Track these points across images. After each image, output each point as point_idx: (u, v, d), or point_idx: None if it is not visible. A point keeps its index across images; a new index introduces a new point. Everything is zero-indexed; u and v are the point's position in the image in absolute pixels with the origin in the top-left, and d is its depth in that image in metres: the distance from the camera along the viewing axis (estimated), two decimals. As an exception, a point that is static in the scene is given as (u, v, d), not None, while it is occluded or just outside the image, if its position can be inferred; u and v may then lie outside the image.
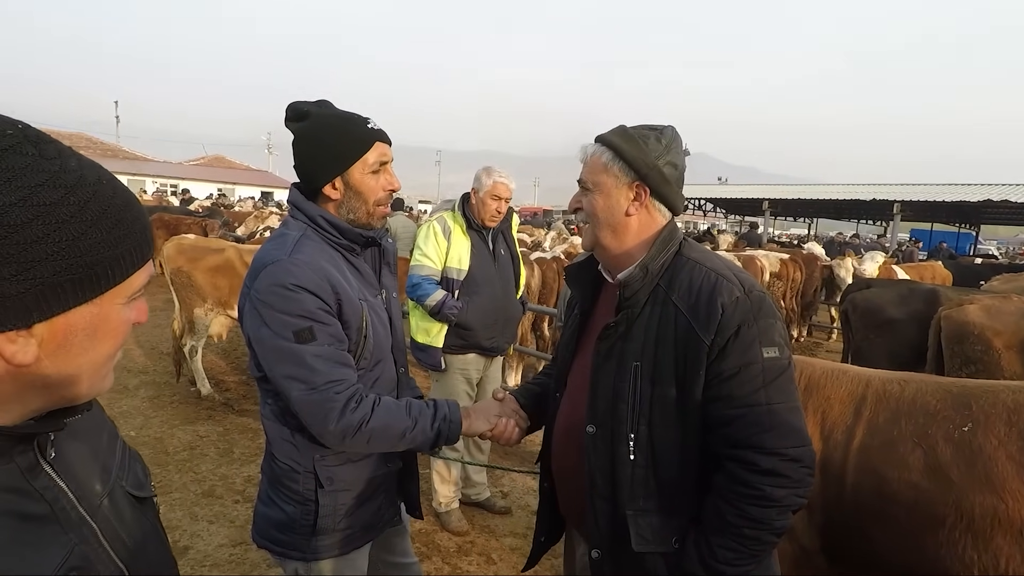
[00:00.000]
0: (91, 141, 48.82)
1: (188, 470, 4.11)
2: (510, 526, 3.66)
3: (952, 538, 1.65)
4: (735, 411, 1.26)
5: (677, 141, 1.41)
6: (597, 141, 1.44)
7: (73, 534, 0.70)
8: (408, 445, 1.56)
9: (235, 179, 47.92)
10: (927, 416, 1.79)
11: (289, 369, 1.46)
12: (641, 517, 1.34)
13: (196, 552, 3.22)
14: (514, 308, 3.61)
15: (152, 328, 7.87)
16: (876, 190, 25.03)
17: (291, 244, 1.51)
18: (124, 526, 0.79)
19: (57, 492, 0.70)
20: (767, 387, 1.26)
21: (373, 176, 1.59)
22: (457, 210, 3.41)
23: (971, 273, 10.71)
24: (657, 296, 1.36)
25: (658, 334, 1.33)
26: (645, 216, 1.42)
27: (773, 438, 1.24)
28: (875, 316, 5.35)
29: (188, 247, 5.60)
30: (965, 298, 4.48)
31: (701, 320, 1.28)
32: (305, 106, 1.57)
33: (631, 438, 1.33)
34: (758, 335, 1.27)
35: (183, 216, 12.69)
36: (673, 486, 1.34)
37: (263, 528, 1.66)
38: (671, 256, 1.39)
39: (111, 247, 0.66)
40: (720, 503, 1.28)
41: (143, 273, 0.73)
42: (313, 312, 1.46)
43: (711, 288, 1.30)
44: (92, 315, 0.67)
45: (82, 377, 0.70)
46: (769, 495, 1.23)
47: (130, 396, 5.44)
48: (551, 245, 10.23)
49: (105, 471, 0.81)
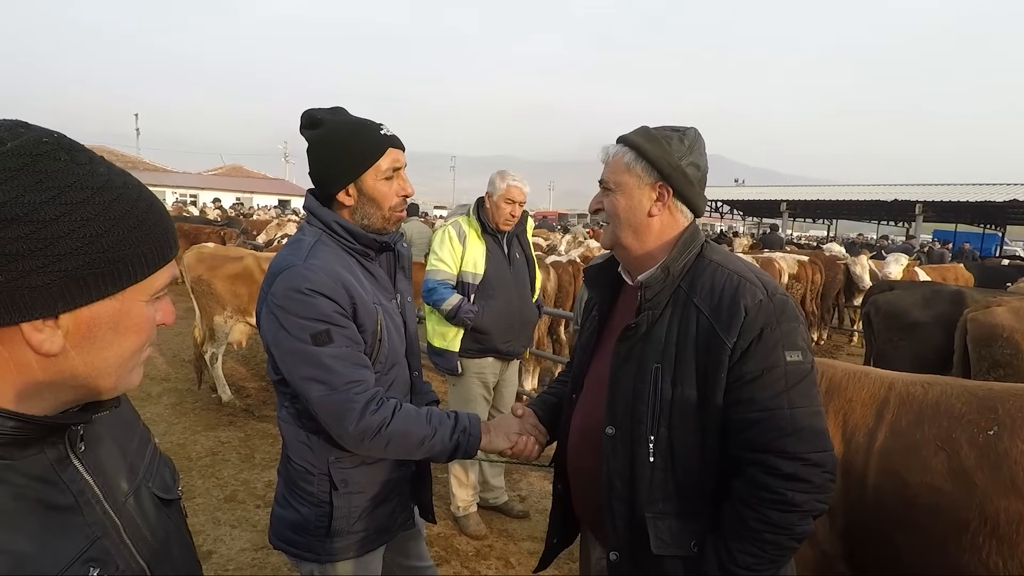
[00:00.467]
0: (112, 153, 49.85)
1: (210, 475, 4.16)
2: (528, 530, 3.65)
3: (976, 543, 1.61)
4: (757, 415, 1.24)
5: (700, 142, 1.41)
6: (619, 141, 1.43)
7: (96, 527, 0.73)
8: (425, 454, 1.56)
9: (253, 188, 48.60)
10: (951, 419, 1.76)
11: (308, 371, 1.47)
12: (660, 520, 1.33)
13: (219, 556, 3.26)
14: (530, 312, 3.61)
15: (174, 336, 7.99)
16: (898, 190, 24.63)
17: (306, 249, 1.54)
18: (148, 525, 0.81)
19: (83, 485, 0.73)
20: (789, 391, 1.25)
21: (386, 182, 1.60)
22: (472, 214, 3.43)
23: (997, 275, 10.47)
24: (678, 298, 1.36)
25: (679, 336, 1.32)
26: (667, 217, 1.41)
27: (795, 442, 1.23)
28: (898, 319, 5.25)
29: (208, 255, 5.69)
30: (992, 300, 4.38)
31: (723, 322, 1.27)
32: (319, 113, 1.59)
33: (651, 440, 1.32)
34: (781, 338, 1.26)
35: (202, 225, 12.91)
36: (692, 489, 1.33)
37: (279, 530, 1.68)
38: (693, 258, 1.38)
39: (133, 245, 0.70)
40: (740, 507, 1.26)
41: (165, 273, 0.76)
42: (329, 315, 1.48)
43: (734, 290, 1.29)
44: (115, 310, 0.71)
45: (109, 371, 0.73)
46: (791, 500, 1.21)
47: (153, 403, 5.53)
48: (567, 249, 10.21)
49: (132, 471, 0.84)
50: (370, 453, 1.55)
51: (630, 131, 1.44)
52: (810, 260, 9.78)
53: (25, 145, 0.64)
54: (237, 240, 11.26)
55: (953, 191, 22.59)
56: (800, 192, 29.53)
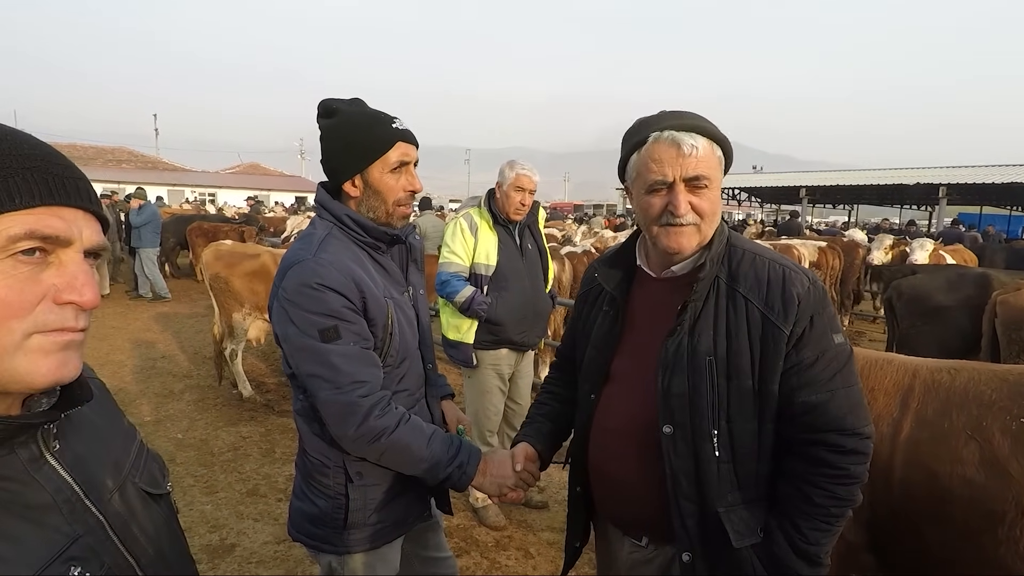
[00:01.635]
0: (132, 154, 50.64)
1: (233, 470, 4.22)
2: (547, 520, 3.65)
3: (1013, 535, 1.57)
4: (817, 397, 1.28)
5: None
6: (699, 132, 1.31)
7: (77, 525, 0.70)
8: (414, 474, 1.56)
9: (270, 186, 49.08)
10: (981, 407, 1.70)
11: (314, 368, 1.47)
12: (733, 512, 1.33)
13: (242, 549, 3.30)
14: (543, 302, 3.59)
15: (195, 334, 8.12)
16: (920, 174, 24.09)
17: (317, 243, 1.53)
18: (136, 521, 0.79)
19: (60, 483, 0.71)
20: (843, 371, 1.30)
21: (393, 175, 1.59)
22: (483, 206, 3.41)
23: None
24: (718, 288, 1.35)
25: (728, 327, 1.32)
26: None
27: (853, 420, 1.29)
28: (922, 303, 5.14)
29: (226, 253, 5.75)
30: (1021, 282, 4.27)
31: (777, 311, 1.29)
32: (335, 103, 1.59)
33: (714, 435, 1.32)
34: (828, 323, 1.31)
35: (220, 223, 13.08)
36: (753, 477, 1.35)
37: (298, 522, 1.69)
38: (724, 246, 1.38)
39: None
40: (804, 487, 1.29)
41: (18, 220, 0.61)
42: (338, 311, 1.47)
43: (781, 279, 1.31)
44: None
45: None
46: (853, 473, 1.28)
47: (176, 400, 5.62)
48: (581, 239, 10.16)
49: (117, 467, 0.81)
50: (364, 457, 1.55)
51: (686, 118, 1.34)
52: (828, 246, 9.63)
53: None
54: (256, 237, 11.40)
55: (977, 173, 22.03)
56: (819, 178, 29.02)
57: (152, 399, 5.62)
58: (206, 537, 3.39)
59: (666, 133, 1.30)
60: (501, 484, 1.59)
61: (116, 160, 47.78)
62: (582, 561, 3.09)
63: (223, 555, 3.24)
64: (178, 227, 12.71)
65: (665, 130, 1.31)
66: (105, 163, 45.37)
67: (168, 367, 6.65)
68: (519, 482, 1.61)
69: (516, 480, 1.60)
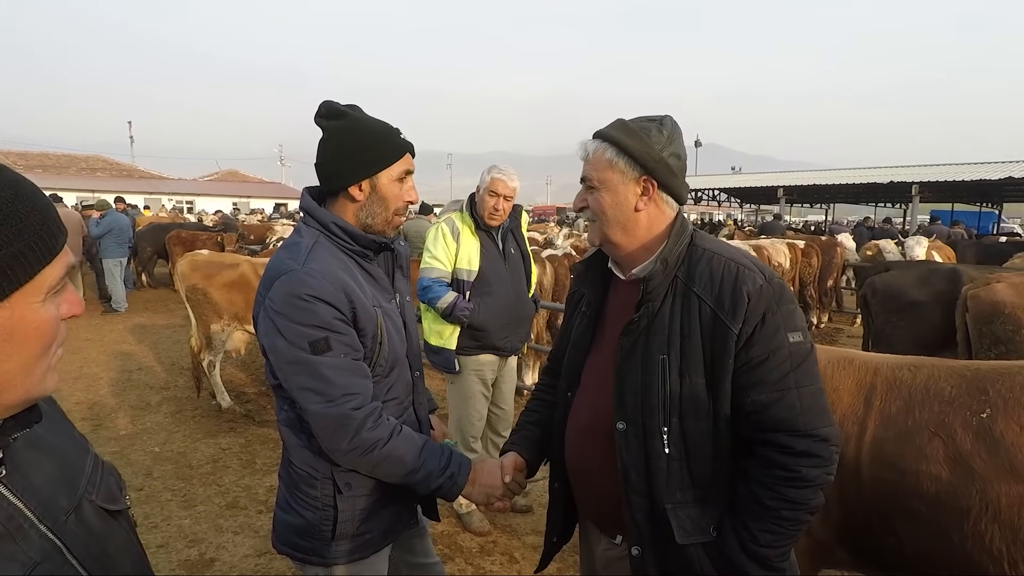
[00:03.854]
0: (107, 162, 49.74)
1: (212, 483, 4.15)
2: (532, 524, 3.65)
3: (978, 530, 1.60)
4: (766, 396, 1.28)
5: (678, 131, 1.41)
6: (597, 137, 1.42)
7: (33, 552, 0.68)
8: (406, 484, 1.56)
9: (249, 192, 48.55)
10: (942, 403, 1.74)
11: (305, 381, 1.46)
12: (680, 509, 1.34)
13: (222, 564, 3.25)
14: (526, 307, 3.59)
15: (173, 344, 7.99)
16: (893, 172, 24.54)
17: (304, 252, 1.51)
18: (95, 540, 0.77)
19: (12, 511, 0.68)
20: (795, 371, 1.29)
21: (398, 184, 1.60)
22: (465, 210, 3.40)
23: (996, 252, 10.47)
24: (676, 288, 1.37)
25: (682, 326, 1.34)
26: (654, 210, 1.41)
27: (805, 420, 1.27)
28: (896, 299, 5.24)
29: (203, 263, 5.65)
30: (991, 276, 4.37)
31: (727, 309, 1.29)
32: (340, 106, 1.59)
33: (664, 432, 1.33)
34: (782, 321, 1.30)
35: (199, 231, 12.88)
36: (707, 475, 1.35)
37: (283, 534, 1.67)
38: (685, 247, 1.39)
39: (6, 244, 0.62)
40: (756, 488, 1.30)
41: (57, 265, 0.68)
42: (328, 322, 1.45)
43: (733, 277, 1.31)
44: (5, 320, 0.64)
45: (13, 383, 0.66)
46: (805, 476, 1.26)
47: (153, 412, 5.52)
48: (562, 242, 10.19)
49: (71, 486, 0.79)
50: (356, 468, 1.55)
51: (606, 126, 1.43)
52: (807, 244, 9.77)
53: None
54: (235, 245, 11.23)
55: (948, 171, 22.49)
56: (796, 177, 29.43)
57: (128, 412, 5.50)
58: (184, 552, 3.33)
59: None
60: (489, 494, 1.61)
61: (90, 168, 46.90)
62: (568, 564, 3.09)
63: (202, 569, 3.19)
64: (155, 236, 12.49)
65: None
66: (79, 171, 44.49)
67: (145, 379, 6.53)
68: (507, 492, 1.62)
69: (504, 490, 1.61)
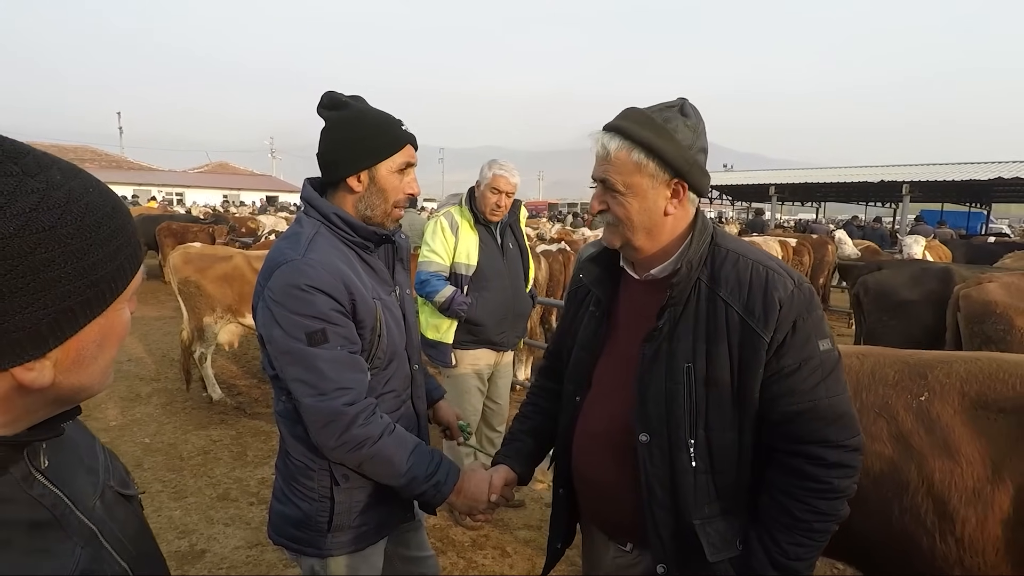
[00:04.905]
0: (95, 153, 49.22)
1: (203, 474, 4.12)
2: (524, 519, 3.65)
3: (915, 503, 1.71)
4: (797, 406, 1.22)
5: (701, 120, 1.30)
6: (618, 133, 1.27)
7: (77, 538, 0.70)
8: (390, 484, 1.55)
9: (240, 185, 48.19)
10: (886, 387, 1.86)
11: (299, 372, 1.45)
12: (709, 524, 1.28)
13: (213, 555, 3.23)
14: (524, 302, 3.58)
15: (163, 336, 7.92)
16: (884, 171, 24.73)
17: (305, 243, 1.50)
18: (119, 525, 0.79)
19: (55, 499, 0.70)
20: (826, 380, 1.24)
21: (398, 176, 1.59)
22: (464, 204, 3.38)
23: (985, 252, 10.59)
24: (699, 291, 1.28)
25: (708, 332, 1.26)
26: (681, 211, 1.32)
27: (837, 431, 1.23)
28: (888, 298, 5.27)
29: (195, 256, 5.59)
30: (983, 276, 4.40)
31: (757, 316, 1.22)
32: (342, 97, 1.57)
33: (691, 444, 1.26)
34: (813, 329, 1.24)
35: (190, 223, 12.76)
36: (731, 487, 1.30)
37: (279, 526, 1.66)
38: (707, 246, 1.31)
39: (111, 259, 0.66)
40: (784, 499, 1.24)
41: (139, 274, 0.73)
42: (326, 313, 1.44)
43: (763, 282, 1.24)
44: (100, 327, 0.67)
45: (95, 381, 0.71)
46: (836, 487, 1.22)
47: (143, 403, 5.47)
48: (552, 236, 10.19)
49: (93, 474, 0.81)
50: (343, 463, 1.53)
51: (620, 118, 1.29)
52: (799, 242, 9.83)
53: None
54: (226, 237, 11.14)
55: (938, 171, 22.68)
56: (788, 176, 29.58)
57: (118, 403, 5.45)
58: (175, 543, 3.31)
59: (601, 130, 1.31)
60: (473, 507, 1.59)
61: (78, 159, 46.32)
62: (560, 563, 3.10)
63: (193, 561, 3.16)
64: (146, 227, 12.37)
65: (605, 127, 1.31)
66: (67, 162, 44.01)
67: (135, 370, 6.46)
68: (491, 508, 1.59)
69: (488, 506, 1.59)
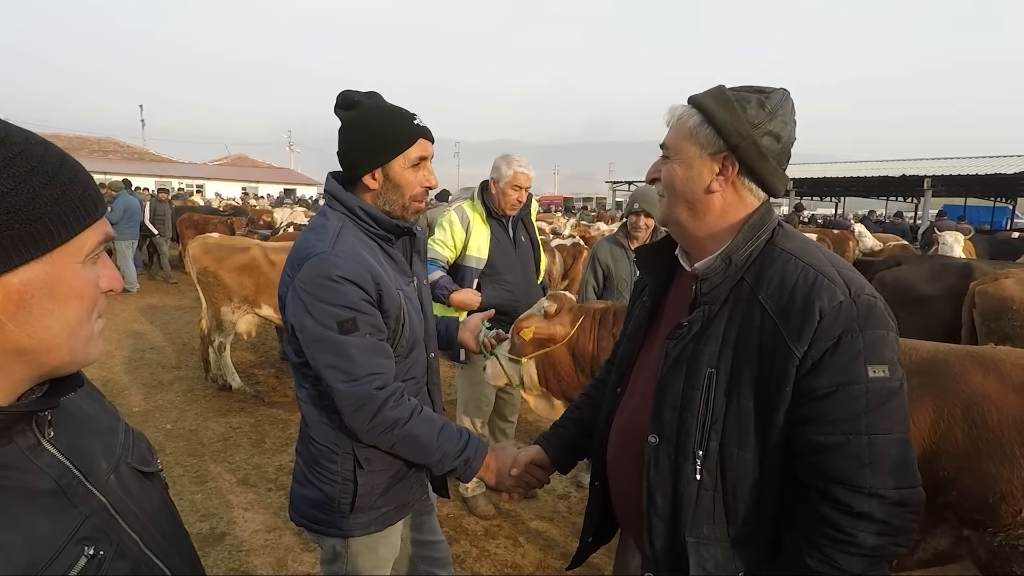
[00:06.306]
0: (118, 144, 49.95)
1: (223, 460, 4.23)
2: (536, 509, 3.69)
3: None
4: (828, 438, 1.05)
5: (786, 107, 1.17)
6: (689, 102, 1.22)
7: (83, 507, 0.73)
8: (423, 463, 1.62)
9: (258, 177, 48.67)
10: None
11: (331, 359, 1.50)
12: (705, 547, 1.16)
13: (233, 538, 3.32)
14: (535, 295, 3.61)
15: (184, 325, 8.07)
16: (906, 166, 24.32)
17: (333, 235, 1.55)
18: (133, 499, 0.82)
19: (61, 469, 0.73)
20: (870, 412, 1.04)
21: (412, 171, 1.63)
22: (476, 199, 3.42)
23: (1009, 248, 10.40)
24: (741, 293, 1.16)
25: (738, 338, 1.13)
26: (731, 195, 1.20)
27: (873, 476, 1.03)
28: (906, 293, 5.22)
29: (213, 246, 5.69)
30: (1000, 272, 4.35)
31: (792, 326, 1.07)
32: (356, 95, 1.61)
33: (698, 455, 1.15)
34: (864, 349, 1.04)
35: (210, 215, 12.95)
36: (746, 515, 1.15)
37: (301, 507, 1.71)
38: (760, 246, 1.18)
39: (49, 203, 0.66)
40: (802, 543, 1.08)
41: (95, 232, 0.72)
42: (356, 303, 1.50)
43: (808, 288, 1.08)
44: (46, 273, 0.67)
45: (57, 342, 0.70)
46: (861, 542, 1.02)
47: (165, 391, 5.61)
48: (570, 232, 10.20)
49: (109, 449, 0.84)
50: (375, 445, 1.59)
51: (705, 90, 1.23)
52: (818, 238, 9.73)
53: None
54: (245, 229, 11.30)
55: (961, 164, 22.22)
56: (807, 170, 29.19)
57: (141, 390, 5.59)
58: (196, 526, 3.40)
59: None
60: (500, 483, 1.64)
61: (102, 151, 47.13)
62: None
63: (213, 544, 3.26)
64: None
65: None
66: (91, 153, 44.68)
67: (157, 358, 6.61)
68: (518, 484, 1.64)
69: (513, 482, 1.63)
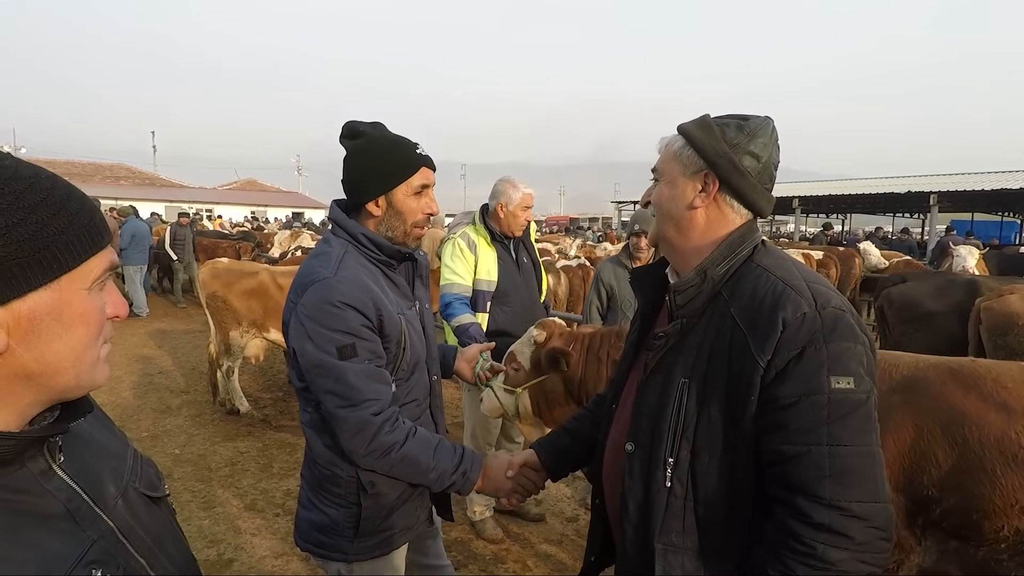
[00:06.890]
0: (130, 171, 50.76)
1: (230, 485, 4.23)
2: (544, 533, 3.67)
3: None
4: (790, 448, 1.07)
5: (765, 131, 1.23)
6: (677, 130, 1.31)
7: (91, 531, 0.75)
8: (422, 483, 1.65)
9: (267, 201, 49.20)
10: None
11: (329, 384, 1.53)
12: (672, 554, 1.18)
13: (240, 564, 3.31)
14: (539, 314, 3.64)
15: (192, 349, 8.13)
16: (911, 182, 24.30)
17: (336, 261, 1.59)
18: (140, 523, 0.84)
19: (71, 493, 0.75)
20: (832, 423, 1.05)
21: (415, 198, 1.68)
22: (479, 222, 3.47)
23: (1017, 263, 10.34)
24: (717, 306, 1.21)
25: (712, 349, 1.18)
26: (715, 212, 1.25)
27: (834, 487, 1.03)
28: (912, 310, 5.21)
29: (223, 271, 5.77)
30: (1005, 288, 4.34)
31: (758, 336, 1.11)
32: (360, 126, 1.68)
33: (668, 462, 1.18)
34: (827, 360, 1.07)
35: (219, 239, 13.11)
36: (717, 525, 1.17)
37: (306, 531, 1.73)
38: (740, 262, 1.23)
39: (57, 232, 0.69)
40: (766, 555, 1.09)
41: (101, 259, 0.75)
42: (356, 329, 1.53)
43: (775, 299, 1.12)
44: (53, 299, 0.70)
45: (64, 366, 0.72)
46: (821, 555, 1.02)
47: (173, 415, 5.63)
48: (575, 252, 10.24)
49: (117, 474, 0.86)
50: (374, 470, 1.61)
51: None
52: (824, 255, 9.72)
53: None
54: (251, 254, 11.43)
55: (967, 180, 22.17)
56: (812, 187, 29.23)
57: (150, 414, 5.63)
58: (204, 552, 3.40)
59: None
60: (498, 489, 1.68)
61: (114, 176, 47.91)
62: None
63: (221, 570, 3.25)
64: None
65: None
66: (103, 179, 45.53)
67: (165, 383, 6.66)
68: (515, 488, 1.67)
69: (511, 485, 1.67)
